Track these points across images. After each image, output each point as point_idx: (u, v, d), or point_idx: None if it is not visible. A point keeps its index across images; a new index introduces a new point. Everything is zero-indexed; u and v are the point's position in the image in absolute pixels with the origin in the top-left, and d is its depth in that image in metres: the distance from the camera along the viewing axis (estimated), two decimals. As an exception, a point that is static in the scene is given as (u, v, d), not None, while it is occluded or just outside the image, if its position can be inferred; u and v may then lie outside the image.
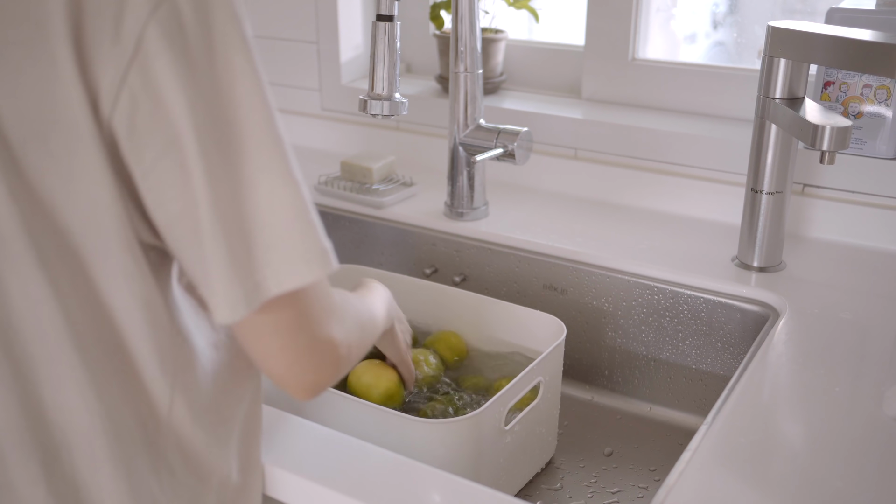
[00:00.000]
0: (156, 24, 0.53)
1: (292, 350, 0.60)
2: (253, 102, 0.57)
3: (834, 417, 0.78)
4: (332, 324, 0.63)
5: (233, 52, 0.55)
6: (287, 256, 0.57)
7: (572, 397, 1.16)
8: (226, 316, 0.56)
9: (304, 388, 0.63)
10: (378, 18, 1.03)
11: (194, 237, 0.56)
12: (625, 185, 1.27)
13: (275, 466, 0.71)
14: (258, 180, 0.56)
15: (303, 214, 0.57)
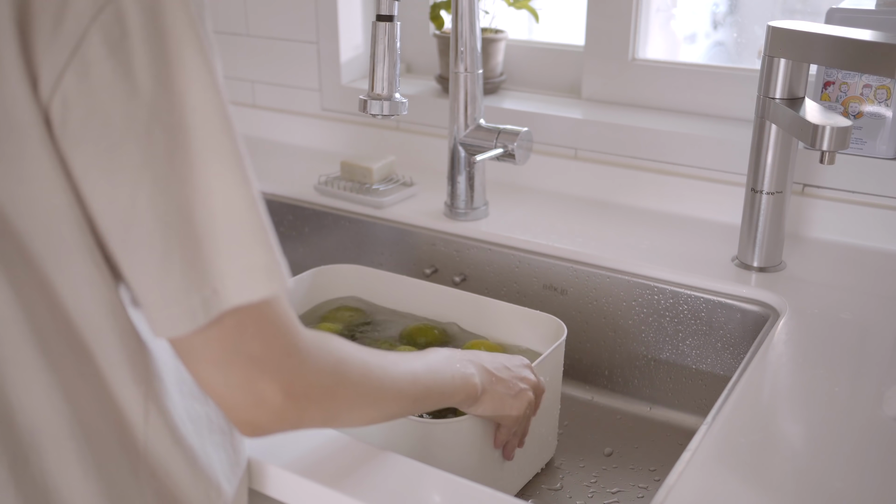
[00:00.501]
0: (98, 29, 0.51)
1: (223, 383, 0.56)
2: (207, 111, 0.54)
3: (834, 417, 0.78)
4: (282, 365, 0.57)
5: (187, 59, 0.53)
6: (241, 267, 0.54)
7: (572, 397, 1.16)
8: (171, 328, 0.54)
9: (242, 426, 0.59)
10: (378, 18, 1.03)
11: (131, 245, 0.54)
12: (625, 185, 1.27)
13: (275, 466, 0.71)
14: (209, 191, 0.53)
15: (256, 227, 0.55)
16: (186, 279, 0.53)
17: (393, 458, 0.72)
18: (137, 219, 0.53)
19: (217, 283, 0.54)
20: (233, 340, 0.56)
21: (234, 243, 0.54)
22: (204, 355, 0.56)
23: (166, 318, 0.54)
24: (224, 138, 0.54)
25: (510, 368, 0.82)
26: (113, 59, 0.51)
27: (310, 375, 0.59)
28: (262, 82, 1.60)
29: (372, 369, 0.66)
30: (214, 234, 0.54)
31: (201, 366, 0.56)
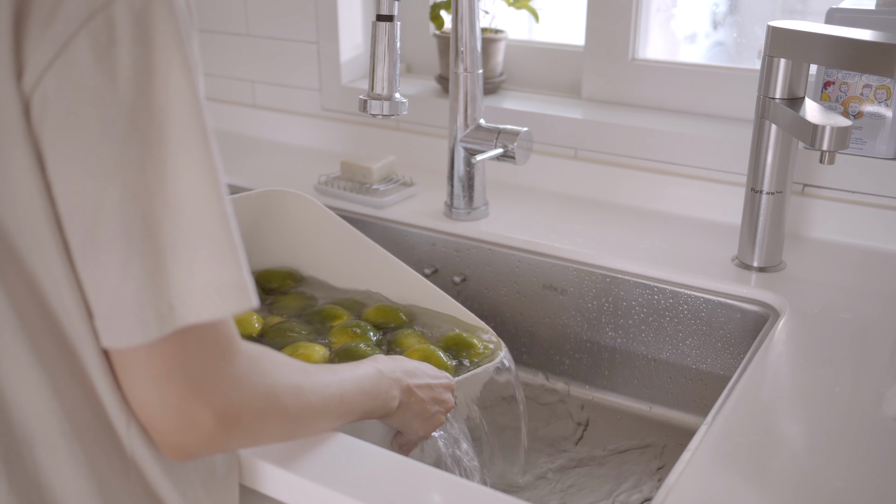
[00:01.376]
0: (86, 35, 0.52)
1: (155, 402, 0.56)
2: (186, 126, 0.54)
3: (834, 417, 0.78)
4: (216, 388, 0.57)
5: (171, 73, 0.53)
6: (205, 284, 0.54)
7: (572, 397, 1.16)
8: (118, 337, 0.54)
9: (168, 448, 0.59)
10: (378, 18, 1.03)
11: (93, 247, 0.54)
12: (625, 185, 1.27)
13: (275, 466, 0.71)
14: (180, 204, 0.53)
15: (224, 244, 0.55)
16: (144, 290, 0.53)
17: (393, 458, 0.72)
18: (102, 222, 0.53)
19: (175, 298, 0.53)
20: (174, 358, 0.55)
21: (200, 259, 0.54)
22: (144, 371, 0.55)
23: (118, 327, 0.54)
24: (200, 153, 0.54)
25: (432, 388, 0.82)
26: (98, 65, 0.52)
27: (243, 400, 0.59)
28: (262, 82, 1.60)
29: (304, 392, 0.66)
30: (179, 247, 0.53)
31: (138, 382, 0.56)
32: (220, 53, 1.63)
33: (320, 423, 0.71)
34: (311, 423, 0.69)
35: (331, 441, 0.74)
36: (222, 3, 1.58)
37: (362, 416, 0.75)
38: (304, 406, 0.66)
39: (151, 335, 0.53)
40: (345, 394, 0.72)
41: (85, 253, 0.54)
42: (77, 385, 0.60)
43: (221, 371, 0.57)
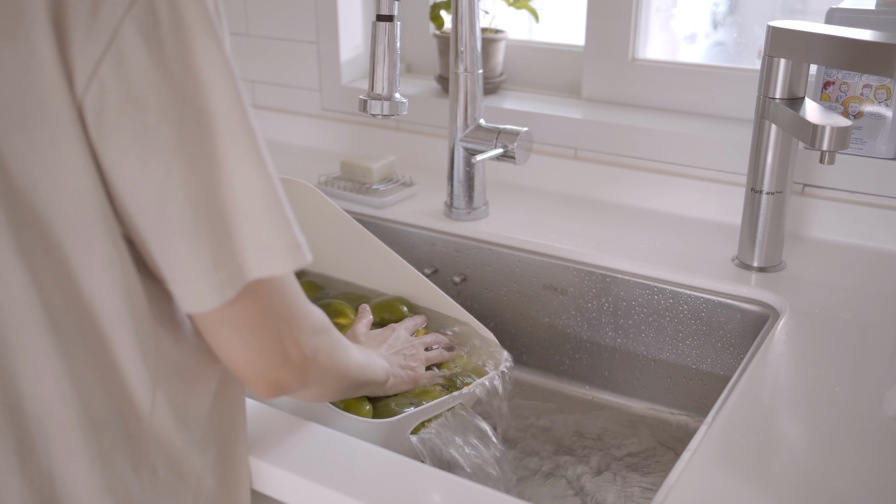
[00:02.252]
0: (132, 20, 0.54)
1: (255, 346, 0.61)
2: (227, 97, 0.57)
3: (834, 417, 0.78)
4: (301, 327, 0.63)
5: (205, 47, 0.56)
6: (265, 243, 0.58)
7: (572, 397, 1.16)
8: (200, 303, 0.57)
9: (265, 386, 0.63)
10: (378, 18, 1.03)
11: (163, 224, 0.56)
12: (625, 185, 1.27)
13: (275, 466, 0.71)
14: (233, 172, 0.57)
15: (277, 206, 0.58)
16: (215, 256, 0.56)
17: (393, 458, 0.72)
18: (170, 199, 0.56)
19: (241, 258, 0.57)
20: (263, 306, 0.60)
21: (257, 221, 0.57)
22: (238, 323, 0.60)
23: (196, 293, 0.57)
24: (244, 125, 0.58)
25: (404, 353, 0.95)
26: (147, 48, 0.54)
27: (318, 340, 0.66)
28: (262, 82, 1.60)
29: (350, 348, 0.74)
30: (239, 212, 0.57)
31: (234, 334, 0.60)
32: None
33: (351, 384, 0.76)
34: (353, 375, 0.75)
35: (331, 441, 0.74)
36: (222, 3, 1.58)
37: (373, 388, 0.84)
38: (353, 359, 0.74)
39: (227, 296, 0.57)
40: (362, 364, 0.79)
41: (156, 230, 0.57)
42: (97, 377, 0.61)
43: (302, 313, 0.63)
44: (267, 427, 0.76)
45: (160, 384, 0.63)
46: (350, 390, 0.78)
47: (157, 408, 0.63)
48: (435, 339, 1.00)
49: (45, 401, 0.61)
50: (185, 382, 0.65)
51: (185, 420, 0.65)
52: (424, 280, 1.05)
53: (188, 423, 0.66)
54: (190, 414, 0.66)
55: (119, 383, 0.62)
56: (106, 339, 0.61)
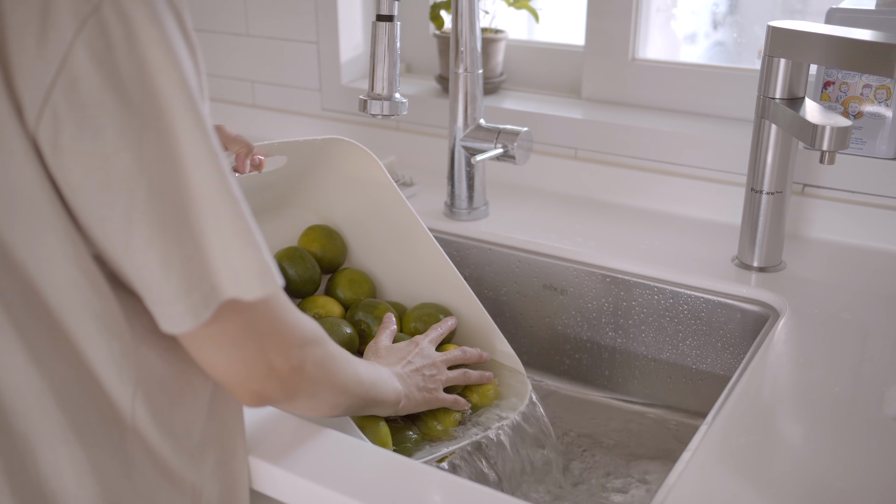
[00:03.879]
0: (83, 43, 0.51)
1: (237, 360, 0.60)
2: (189, 120, 0.55)
3: (834, 417, 0.78)
4: (286, 340, 0.62)
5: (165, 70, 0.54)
6: (235, 267, 0.56)
7: (572, 397, 1.16)
8: (175, 324, 0.56)
9: (249, 397, 0.63)
10: (378, 18, 1.03)
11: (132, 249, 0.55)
12: (625, 185, 1.27)
13: (275, 466, 0.71)
14: (200, 195, 0.55)
15: (244, 230, 0.57)
16: (187, 279, 0.55)
17: (393, 458, 0.72)
18: (135, 225, 0.54)
19: (215, 278, 0.56)
20: (246, 321, 0.59)
21: (226, 245, 0.56)
22: (221, 339, 0.59)
23: (171, 315, 0.56)
24: (204, 141, 0.55)
25: (424, 373, 0.90)
26: (101, 72, 0.52)
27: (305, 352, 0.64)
28: (262, 82, 1.60)
29: (351, 362, 0.73)
30: (209, 235, 0.56)
31: (217, 350, 0.59)
32: (220, 53, 1.63)
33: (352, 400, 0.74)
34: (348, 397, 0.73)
35: (331, 441, 0.74)
36: (222, 3, 1.58)
37: (379, 408, 0.80)
38: (352, 374, 0.72)
39: (202, 317, 0.56)
40: (375, 375, 0.79)
41: (126, 254, 0.55)
42: (76, 385, 0.60)
43: (289, 326, 0.62)
44: (267, 427, 0.76)
45: (139, 399, 0.62)
46: (354, 407, 0.75)
47: (139, 421, 0.63)
48: (462, 355, 0.95)
49: (30, 418, 0.60)
50: (170, 394, 0.64)
51: (173, 431, 0.65)
52: (461, 282, 1.01)
53: (176, 433, 0.65)
54: (177, 425, 0.65)
55: (98, 392, 0.61)
56: (82, 356, 0.60)
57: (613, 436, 1.07)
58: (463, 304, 1.01)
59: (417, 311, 1.02)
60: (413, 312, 1.02)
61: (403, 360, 0.89)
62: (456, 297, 1.02)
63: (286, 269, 1.03)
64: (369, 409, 0.79)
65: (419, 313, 1.01)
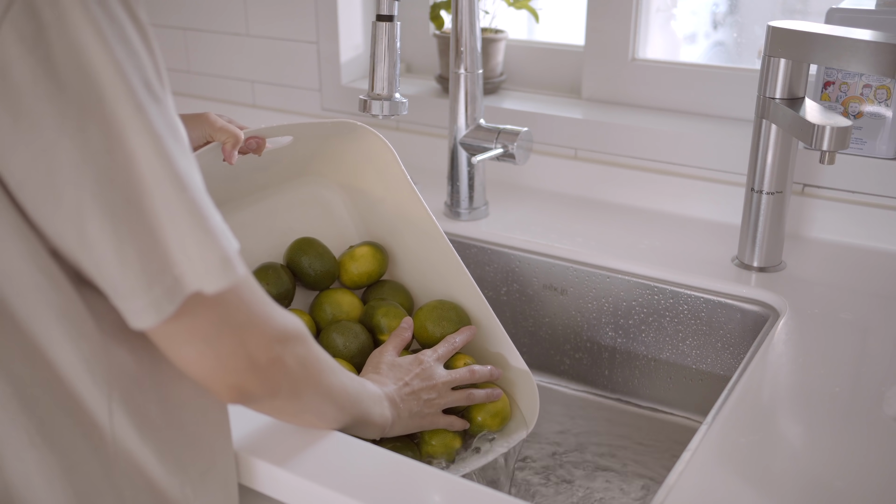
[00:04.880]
0: (10, 27, 0.49)
1: (211, 355, 0.58)
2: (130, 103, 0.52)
3: (834, 417, 0.78)
4: (264, 331, 0.60)
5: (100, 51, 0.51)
6: (195, 258, 0.54)
7: (572, 397, 1.16)
8: (139, 320, 0.54)
9: (228, 392, 0.60)
10: (378, 18, 1.03)
11: (87, 244, 0.53)
12: (625, 185, 1.27)
13: (275, 466, 0.71)
14: (150, 183, 0.52)
15: (198, 216, 0.54)
16: (145, 272, 0.53)
17: (393, 458, 0.72)
18: (86, 217, 0.52)
19: (177, 270, 0.53)
20: (219, 314, 0.57)
21: (182, 234, 0.53)
22: (193, 334, 0.56)
23: (135, 310, 0.54)
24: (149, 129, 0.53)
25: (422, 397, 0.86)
26: (32, 57, 0.49)
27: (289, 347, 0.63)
28: (262, 82, 1.60)
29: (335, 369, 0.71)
30: (164, 224, 0.53)
31: (189, 345, 0.57)
32: (220, 53, 1.63)
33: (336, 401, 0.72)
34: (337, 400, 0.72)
35: (331, 441, 0.74)
36: (222, 3, 1.58)
37: (360, 420, 0.77)
38: (338, 382, 0.71)
39: (165, 312, 0.53)
40: (362, 392, 0.76)
41: (81, 249, 0.53)
42: (50, 396, 0.59)
43: (265, 317, 0.60)
44: (266, 427, 0.76)
45: (115, 400, 0.61)
46: (341, 421, 0.74)
47: (116, 422, 0.61)
48: (470, 376, 0.90)
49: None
50: (148, 394, 0.63)
51: (154, 432, 0.63)
52: (472, 284, 0.96)
53: (158, 435, 0.63)
54: (158, 425, 0.63)
55: (73, 399, 0.59)
56: (48, 358, 0.58)
57: (613, 436, 1.07)
58: (473, 308, 0.97)
59: (433, 312, 0.96)
60: (428, 312, 0.96)
61: (401, 380, 0.85)
62: (465, 299, 0.98)
63: (301, 259, 0.99)
64: (356, 428, 0.77)
65: (435, 315, 0.95)
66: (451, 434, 0.90)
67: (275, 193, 1.03)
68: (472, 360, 0.95)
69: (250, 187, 1.00)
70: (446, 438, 0.90)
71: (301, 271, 0.99)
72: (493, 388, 0.93)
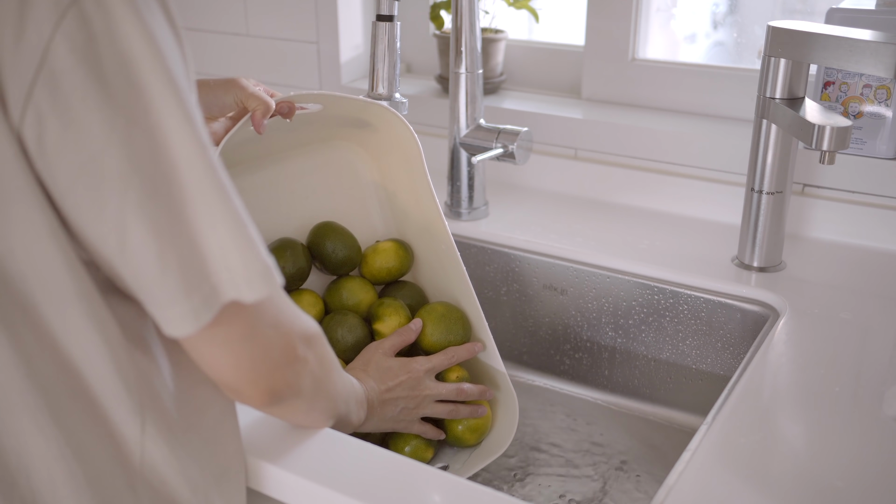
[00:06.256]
0: (63, 38, 0.49)
1: (246, 357, 0.59)
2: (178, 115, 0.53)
3: (834, 417, 0.78)
4: (293, 330, 0.62)
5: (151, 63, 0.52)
6: (235, 268, 0.55)
7: (572, 397, 1.16)
8: (176, 328, 0.54)
9: (261, 395, 0.62)
10: (378, 18, 1.03)
11: (127, 252, 0.53)
12: (625, 185, 1.27)
13: (275, 466, 0.71)
14: (194, 195, 0.53)
15: (241, 228, 0.55)
16: (185, 280, 0.53)
17: (393, 458, 0.72)
18: (129, 228, 0.52)
19: (215, 279, 0.54)
20: (253, 318, 0.58)
21: (224, 244, 0.54)
22: (223, 340, 0.57)
23: (170, 318, 0.54)
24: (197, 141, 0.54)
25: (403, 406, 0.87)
26: (83, 67, 0.50)
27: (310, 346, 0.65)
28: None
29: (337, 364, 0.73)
30: (205, 235, 0.54)
31: (224, 349, 0.58)
32: (220, 53, 1.63)
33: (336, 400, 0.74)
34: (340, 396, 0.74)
35: (331, 441, 0.74)
36: (222, 3, 1.58)
37: (342, 419, 0.78)
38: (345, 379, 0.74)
39: (203, 320, 0.54)
40: (351, 392, 0.78)
41: (121, 257, 0.54)
42: (78, 407, 0.59)
43: (293, 318, 0.62)
44: (267, 428, 0.76)
45: (147, 408, 0.61)
46: (331, 418, 0.75)
47: (148, 434, 0.61)
48: (458, 393, 0.91)
49: (23, 435, 0.59)
50: (169, 402, 0.63)
51: (176, 440, 0.63)
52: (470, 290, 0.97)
53: (179, 443, 0.63)
54: (178, 433, 0.63)
55: (101, 414, 0.60)
56: (79, 372, 0.58)
57: (613, 436, 1.07)
58: (470, 315, 0.98)
59: (441, 320, 0.95)
60: (436, 319, 0.95)
61: (385, 385, 0.86)
62: (463, 306, 0.99)
63: (325, 243, 0.98)
64: (335, 425, 0.77)
65: (443, 325, 0.95)
66: (425, 444, 0.91)
67: (300, 155, 1.01)
68: (465, 375, 0.96)
69: (274, 147, 0.98)
70: (419, 449, 0.90)
71: (323, 255, 0.99)
72: (479, 405, 0.94)
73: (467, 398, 0.92)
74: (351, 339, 0.94)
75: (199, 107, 0.56)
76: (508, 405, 0.98)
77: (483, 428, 0.95)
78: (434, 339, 0.95)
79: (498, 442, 0.96)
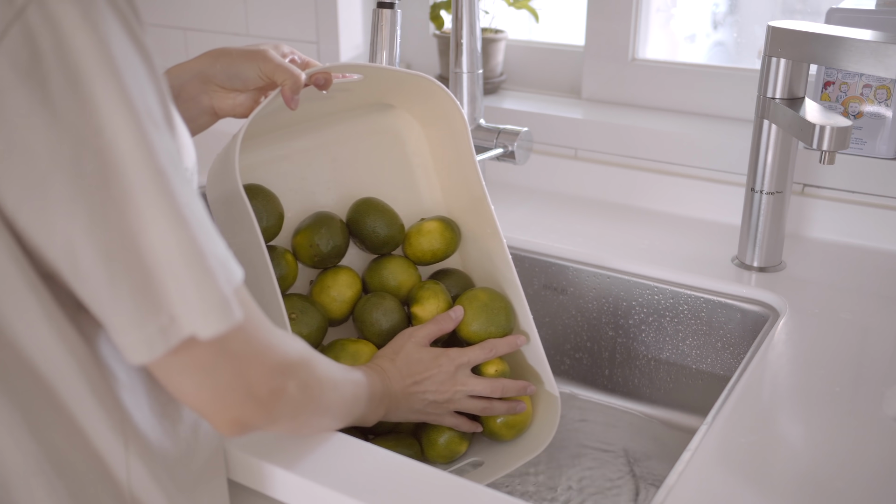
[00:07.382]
0: (3, 56, 0.47)
1: (209, 387, 0.56)
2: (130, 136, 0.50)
3: (834, 417, 0.78)
4: (264, 362, 0.58)
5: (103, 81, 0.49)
6: (191, 301, 0.52)
7: (573, 397, 1.16)
8: (131, 355, 0.52)
9: (228, 425, 0.59)
10: (379, 5, 1.03)
11: (80, 276, 0.51)
12: (625, 185, 1.27)
13: (275, 466, 0.71)
14: (147, 221, 0.50)
15: (197, 260, 0.51)
16: (138, 309, 0.51)
17: (393, 458, 0.72)
18: (79, 251, 0.50)
19: (174, 310, 0.51)
20: (217, 348, 0.55)
21: (179, 276, 0.51)
22: (185, 369, 0.55)
23: (125, 345, 0.52)
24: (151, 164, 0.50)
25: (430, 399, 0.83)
26: (27, 85, 0.47)
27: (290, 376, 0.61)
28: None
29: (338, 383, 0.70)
30: (160, 264, 0.51)
31: (187, 377, 0.55)
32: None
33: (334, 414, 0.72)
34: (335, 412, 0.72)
35: (331, 441, 0.74)
36: (222, 3, 1.58)
37: (355, 421, 0.77)
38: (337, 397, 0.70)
39: (157, 351, 0.52)
40: (360, 397, 0.76)
41: (75, 279, 0.52)
42: (58, 423, 0.58)
43: (265, 347, 0.58)
44: (267, 427, 0.76)
45: (128, 426, 0.60)
46: (334, 426, 0.74)
47: (132, 452, 0.60)
48: (496, 388, 0.85)
49: (1, 449, 0.58)
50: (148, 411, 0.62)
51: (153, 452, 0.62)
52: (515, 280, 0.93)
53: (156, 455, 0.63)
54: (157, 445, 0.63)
55: (82, 432, 0.59)
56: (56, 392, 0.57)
57: (613, 436, 1.07)
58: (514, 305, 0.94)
59: (482, 310, 0.90)
60: (478, 308, 0.90)
61: (412, 378, 0.82)
62: (507, 294, 0.95)
63: (365, 220, 0.93)
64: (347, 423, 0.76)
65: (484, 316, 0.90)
66: (459, 436, 0.88)
67: (343, 120, 0.97)
68: (504, 368, 0.90)
69: (315, 113, 0.93)
70: (452, 441, 0.88)
71: (363, 233, 0.93)
72: (518, 402, 0.89)
73: (504, 394, 0.87)
74: (386, 324, 0.89)
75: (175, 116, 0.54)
76: (549, 403, 0.93)
77: (521, 424, 0.90)
78: (474, 329, 0.89)
79: (536, 440, 0.92)
